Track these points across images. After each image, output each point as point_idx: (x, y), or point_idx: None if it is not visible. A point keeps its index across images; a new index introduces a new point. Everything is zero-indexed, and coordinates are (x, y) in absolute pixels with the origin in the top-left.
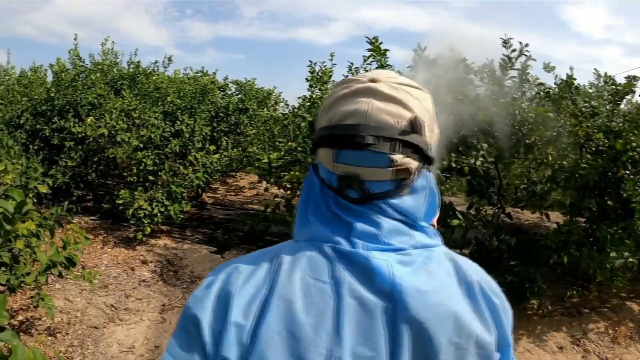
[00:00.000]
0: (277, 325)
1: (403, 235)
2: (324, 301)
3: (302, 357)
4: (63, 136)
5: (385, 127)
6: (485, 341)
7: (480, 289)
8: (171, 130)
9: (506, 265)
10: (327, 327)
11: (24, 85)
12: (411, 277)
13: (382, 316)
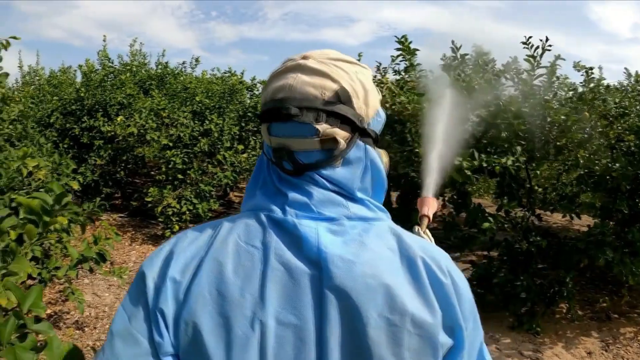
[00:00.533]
0: (207, 284)
1: (336, 205)
2: (253, 264)
3: (228, 316)
4: (92, 135)
5: (308, 98)
6: (424, 321)
7: (425, 266)
8: (200, 129)
9: (535, 268)
10: (253, 289)
11: (54, 85)
12: (339, 247)
13: (308, 284)
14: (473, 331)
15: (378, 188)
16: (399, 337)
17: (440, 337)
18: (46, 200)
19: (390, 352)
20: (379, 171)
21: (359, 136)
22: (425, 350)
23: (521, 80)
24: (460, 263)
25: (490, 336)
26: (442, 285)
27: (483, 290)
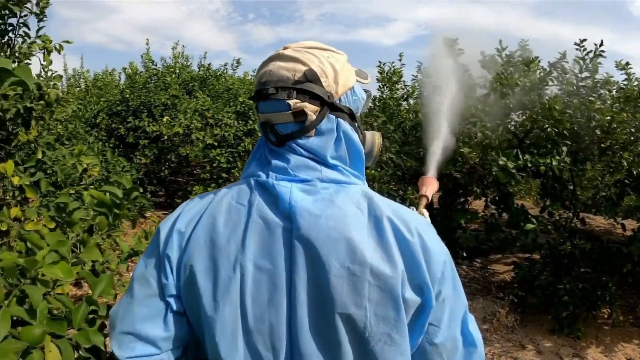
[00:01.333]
0: (203, 233)
1: (310, 169)
2: (239, 218)
3: (216, 260)
4: (137, 135)
5: (282, 79)
6: (382, 273)
7: (391, 224)
8: (244, 129)
9: (578, 272)
10: (237, 238)
11: (98, 87)
12: (308, 203)
13: (281, 235)
14: (453, 298)
15: (355, 157)
16: (360, 287)
17: (404, 292)
18: (116, 194)
19: (351, 300)
20: (353, 142)
21: (328, 110)
22: (386, 302)
23: (566, 81)
24: (502, 265)
25: (530, 339)
26: (408, 244)
27: (524, 292)
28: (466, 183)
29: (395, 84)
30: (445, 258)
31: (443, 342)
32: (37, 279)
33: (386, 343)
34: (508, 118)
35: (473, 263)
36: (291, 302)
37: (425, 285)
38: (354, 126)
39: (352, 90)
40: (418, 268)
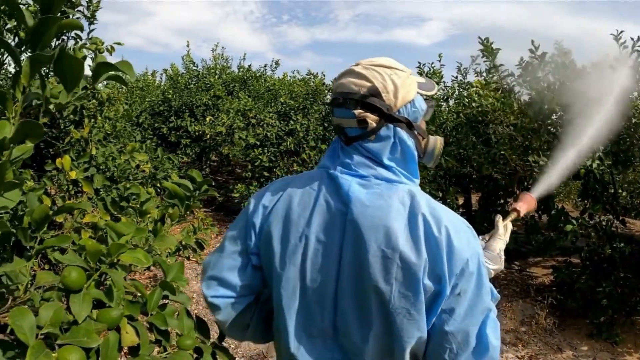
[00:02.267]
0: (281, 208)
1: (368, 168)
2: (309, 200)
3: (288, 230)
4: (179, 134)
5: (351, 92)
6: (409, 259)
7: (424, 220)
8: (285, 129)
9: (618, 276)
10: (306, 215)
11: (140, 88)
12: (362, 194)
13: (338, 217)
14: (473, 295)
15: (409, 161)
16: (390, 267)
17: (424, 279)
18: (188, 186)
19: (381, 276)
20: (407, 147)
21: (388, 120)
22: (409, 283)
23: None
24: (541, 268)
25: (567, 343)
26: (435, 239)
27: (563, 296)
28: (506, 184)
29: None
30: (469, 257)
31: (453, 332)
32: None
33: (405, 317)
34: (549, 119)
35: (512, 265)
36: (339, 270)
37: (443, 276)
38: (411, 134)
39: (412, 102)
40: (439, 260)
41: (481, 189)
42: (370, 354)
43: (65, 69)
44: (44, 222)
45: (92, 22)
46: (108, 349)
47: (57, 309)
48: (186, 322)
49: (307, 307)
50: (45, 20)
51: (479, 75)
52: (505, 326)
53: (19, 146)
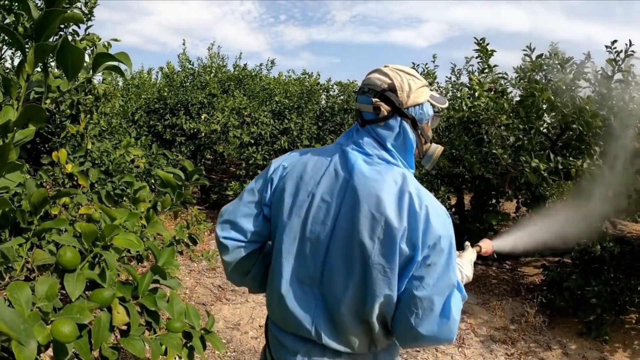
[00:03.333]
0: (297, 170)
1: (374, 148)
2: (321, 167)
3: (299, 188)
4: (174, 132)
5: (375, 85)
6: (392, 223)
7: (410, 197)
8: (279, 128)
9: (608, 276)
10: (316, 178)
11: (136, 85)
12: (365, 168)
13: (342, 183)
14: (442, 270)
15: (408, 150)
16: (375, 227)
17: (401, 243)
18: (179, 175)
19: (367, 234)
20: (409, 139)
21: (397, 112)
22: (388, 243)
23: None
24: (532, 267)
25: (557, 341)
26: (415, 213)
27: (553, 295)
28: (498, 184)
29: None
30: (441, 235)
31: (421, 298)
32: (110, 246)
33: (380, 272)
34: (540, 120)
35: (503, 265)
36: (334, 226)
37: (417, 245)
38: (415, 131)
39: (421, 105)
40: (416, 231)
41: (473, 189)
42: (347, 304)
43: (67, 58)
44: (41, 206)
45: (89, 19)
46: (100, 327)
47: (52, 283)
48: (176, 307)
49: (302, 255)
50: (50, 13)
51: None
52: (495, 324)
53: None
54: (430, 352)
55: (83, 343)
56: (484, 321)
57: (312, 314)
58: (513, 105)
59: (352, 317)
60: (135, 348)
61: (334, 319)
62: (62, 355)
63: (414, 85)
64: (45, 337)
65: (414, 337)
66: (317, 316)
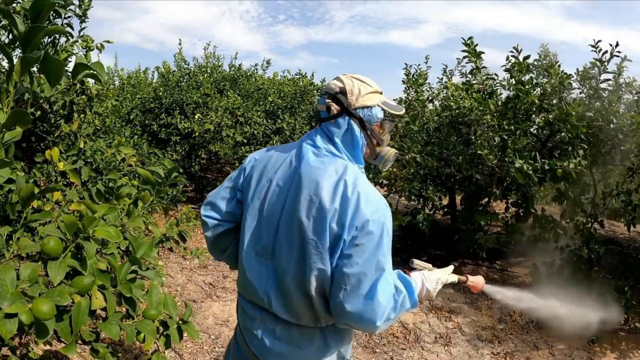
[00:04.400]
0: (263, 161)
1: (324, 143)
2: (281, 158)
3: (262, 175)
4: (169, 131)
5: (329, 89)
6: (324, 205)
7: (344, 184)
8: (272, 128)
9: (596, 276)
10: (275, 168)
11: (132, 85)
12: (312, 159)
13: (293, 170)
14: (371, 252)
15: (355, 146)
16: (311, 207)
17: (331, 222)
18: (159, 172)
19: (305, 213)
20: (355, 137)
21: (346, 112)
22: (320, 221)
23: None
24: (522, 267)
25: (544, 341)
26: (347, 197)
27: None
28: (487, 185)
29: (421, 86)
30: (370, 219)
31: (349, 275)
32: (91, 237)
33: (314, 247)
34: (529, 121)
35: (493, 265)
36: (283, 206)
37: (345, 225)
38: (363, 131)
39: (369, 108)
40: (345, 213)
41: (464, 190)
42: (291, 276)
43: (49, 68)
44: (29, 200)
45: (83, 21)
46: (80, 312)
47: (34, 267)
48: (155, 297)
49: (259, 230)
50: (34, 28)
51: (464, 77)
52: (483, 323)
53: (10, 131)
54: (416, 350)
55: (64, 326)
56: (471, 320)
57: (265, 284)
58: (499, 107)
59: (296, 289)
60: (111, 331)
61: (282, 290)
62: (43, 334)
63: (363, 90)
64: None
65: (342, 312)
66: (269, 286)
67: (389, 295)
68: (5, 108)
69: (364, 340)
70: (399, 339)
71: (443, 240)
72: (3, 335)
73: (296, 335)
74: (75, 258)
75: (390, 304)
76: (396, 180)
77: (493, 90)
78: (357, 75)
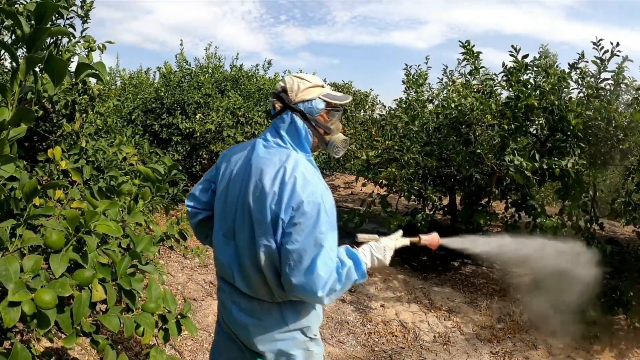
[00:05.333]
0: (228, 156)
1: (272, 136)
2: (242, 152)
3: (227, 168)
4: (171, 131)
5: (275, 89)
6: (265, 188)
7: (284, 170)
8: None
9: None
10: (236, 161)
11: (134, 85)
12: (261, 150)
13: (246, 161)
14: (309, 230)
15: (300, 137)
16: (255, 190)
17: (271, 203)
18: (159, 170)
19: (251, 196)
20: (298, 128)
21: (288, 108)
22: (261, 203)
23: (586, 84)
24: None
25: (543, 340)
26: (284, 182)
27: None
28: (486, 184)
29: (421, 87)
30: (305, 200)
31: (291, 251)
32: (92, 231)
33: (259, 226)
34: (529, 121)
35: (493, 265)
36: (239, 192)
37: (282, 205)
38: (307, 123)
39: (309, 101)
40: (282, 195)
41: (464, 190)
42: (247, 253)
43: (53, 68)
44: (32, 195)
45: (85, 21)
46: (80, 304)
47: (37, 259)
48: (154, 292)
49: (224, 214)
50: (39, 30)
51: (464, 77)
52: (482, 323)
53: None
54: (414, 349)
55: (65, 317)
56: (470, 320)
57: (230, 261)
58: (500, 106)
59: (251, 266)
60: (111, 323)
61: (242, 267)
62: (45, 324)
63: (302, 86)
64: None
65: (289, 285)
66: (233, 263)
67: (330, 269)
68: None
69: (363, 339)
70: (398, 338)
71: None
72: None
73: (257, 308)
74: (77, 252)
75: (333, 276)
76: (396, 180)
77: (492, 91)
78: (300, 74)
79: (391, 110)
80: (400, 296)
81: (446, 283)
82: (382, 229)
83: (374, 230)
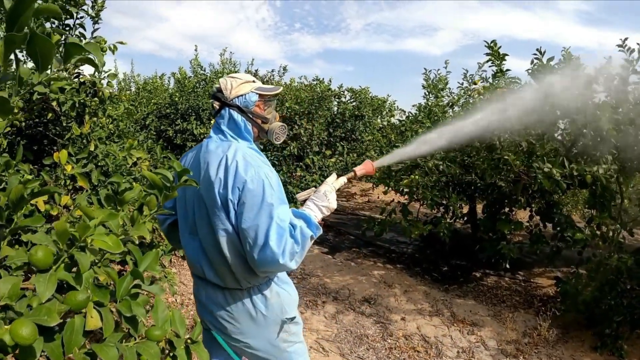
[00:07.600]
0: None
1: (216, 133)
2: (195, 152)
3: (185, 165)
4: (185, 137)
5: (213, 91)
6: (211, 177)
7: (226, 158)
8: (289, 134)
9: (624, 288)
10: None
11: (148, 91)
12: (211, 144)
13: (197, 157)
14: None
15: (241, 130)
16: (205, 181)
17: (219, 189)
18: (167, 176)
19: (203, 188)
20: (236, 122)
21: (224, 105)
22: (210, 190)
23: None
24: (545, 278)
25: (570, 355)
26: (227, 167)
27: (567, 307)
28: (511, 192)
29: (441, 91)
30: (248, 180)
31: (246, 229)
32: (87, 247)
33: (213, 212)
34: (554, 126)
35: (516, 276)
36: (194, 188)
37: (229, 187)
38: (245, 115)
39: (244, 96)
40: (227, 179)
41: (486, 198)
42: (209, 242)
43: (37, 49)
44: (20, 203)
45: (96, 22)
46: (73, 332)
47: (15, 282)
48: (161, 314)
49: (186, 213)
50: (21, 3)
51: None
52: (507, 337)
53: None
54: None
55: (55, 346)
56: (495, 334)
57: (198, 257)
58: None
59: (215, 254)
60: (108, 355)
61: (208, 258)
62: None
63: (235, 84)
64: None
65: (254, 261)
66: (201, 258)
67: (284, 237)
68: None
69: (384, 355)
70: (420, 353)
71: (463, 250)
72: None
73: (228, 298)
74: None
75: (289, 241)
76: (417, 188)
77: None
78: (232, 74)
79: (411, 116)
80: (422, 308)
81: (468, 295)
82: (401, 238)
83: (392, 239)
